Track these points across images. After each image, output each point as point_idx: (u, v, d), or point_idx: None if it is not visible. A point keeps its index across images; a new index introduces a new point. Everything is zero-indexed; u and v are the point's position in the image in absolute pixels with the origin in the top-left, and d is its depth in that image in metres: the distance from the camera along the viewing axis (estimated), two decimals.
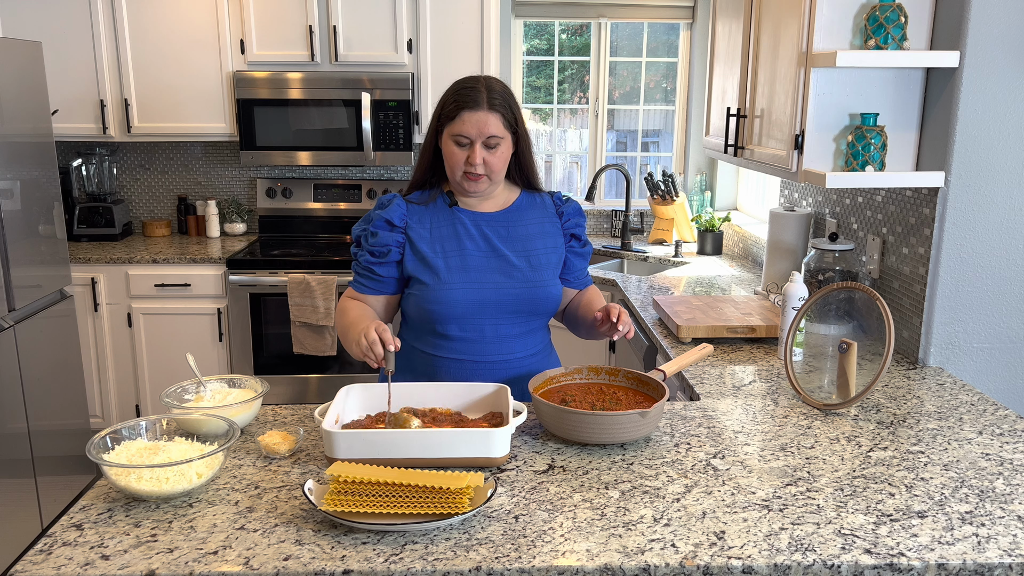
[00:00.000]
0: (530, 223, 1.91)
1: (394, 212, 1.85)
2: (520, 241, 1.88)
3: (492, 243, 1.85)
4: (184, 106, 4.02)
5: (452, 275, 1.81)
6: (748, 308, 2.61)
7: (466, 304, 1.81)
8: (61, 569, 1.21)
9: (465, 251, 1.84)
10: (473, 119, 1.75)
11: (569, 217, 1.95)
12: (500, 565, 1.22)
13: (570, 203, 1.97)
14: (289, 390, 3.99)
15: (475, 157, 1.76)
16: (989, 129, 2.10)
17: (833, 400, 1.91)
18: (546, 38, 4.57)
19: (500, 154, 1.80)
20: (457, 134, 1.77)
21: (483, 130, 1.76)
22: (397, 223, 1.85)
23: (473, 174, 1.79)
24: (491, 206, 1.90)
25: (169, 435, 1.55)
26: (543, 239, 1.90)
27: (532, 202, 1.94)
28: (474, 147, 1.77)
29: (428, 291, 1.81)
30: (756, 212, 4.13)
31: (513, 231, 1.88)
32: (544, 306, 1.88)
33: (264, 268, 3.86)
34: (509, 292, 1.83)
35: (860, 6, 2.15)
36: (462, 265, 1.83)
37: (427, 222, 1.86)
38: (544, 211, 1.94)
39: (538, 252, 1.88)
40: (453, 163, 1.80)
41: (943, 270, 2.18)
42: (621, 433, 1.59)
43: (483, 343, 1.84)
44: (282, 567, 1.21)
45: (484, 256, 1.84)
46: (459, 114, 1.76)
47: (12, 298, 3.05)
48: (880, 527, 1.35)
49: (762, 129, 2.59)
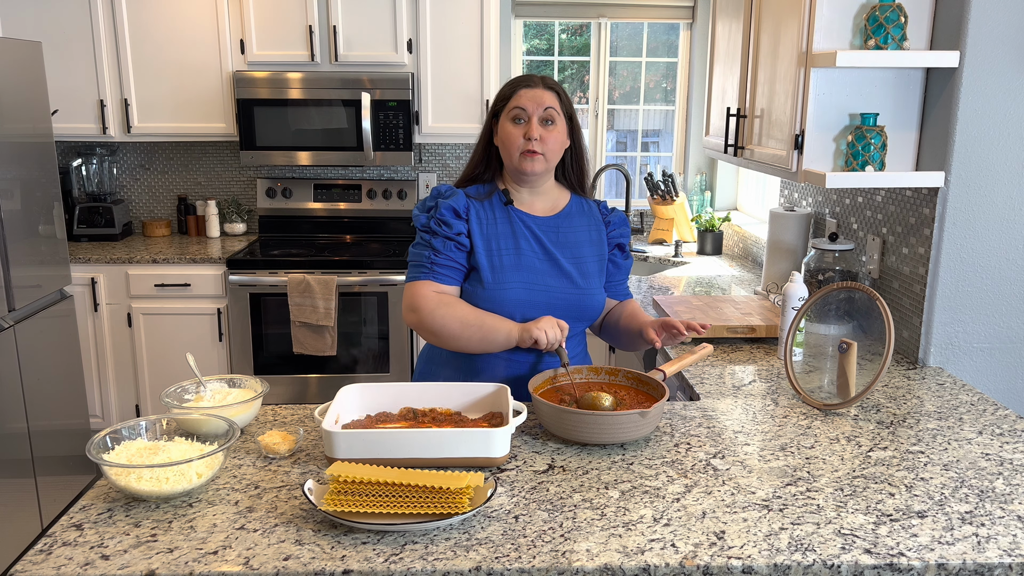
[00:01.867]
0: (579, 230, 1.91)
1: (459, 202, 1.84)
2: (570, 247, 1.88)
3: (545, 246, 1.86)
4: (184, 106, 4.02)
5: (507, 274, 1.81)
6: (748, 308, 2.61)
7: (518, 304, 1.81)
8: (61, 569, 1.21)
9: (520, 251, 1.84)
10: (530, 93, 1.81)
11: (615, 227, 1.96)
12: (500, 565, 1.22)
13: (616, 213, 1.98)
14: (289, 390, 3.99)
15: (532, 131, 1.79)
16: (989, 129, 2.10)
17: (833, 400, 1.91)
18: (546, 38, 4.57)
19: (556, 134, 1.82)
20: (515, 107, 1.81)
21: (540, 102, 1.80)
22: (462, 213, 1.84)
23: (530, 150, 1.79)
24: (542, 209, 1.90)
25: (169, 435, 1.55)
26: (590, 247, 1.91)
27: (581, 208, 1.95)
28: (531, 121, 1.80)
29: (483, 289, 1.81)
30: (756, 212, 4.13)
31: (563, 237, 1.89)
32: (589, 313, 1.89)
33: (264, 268, 3.86)
34: (559, 296, 1.84)
35: (860, 6, 2.15)
36: (517, 264, 1.83)
37: (484, 217, 1.85)
38: (591, 219, 1.94)
39: (586, 260, 1.89)
40: (511, 142, 1.81)
41: (943, 270, 2.18)
42: (621, 433, 1.59)
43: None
44: (282, 567, 1.21)
45: (538, 259, 1.85)
46: (516, 92, 1.82)
47: (12, 298, 3.05)
48: (880, 527, 1.35)
49: (762, 129, 2.59)
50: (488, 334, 1.77)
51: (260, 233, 4.41)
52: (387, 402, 1.70)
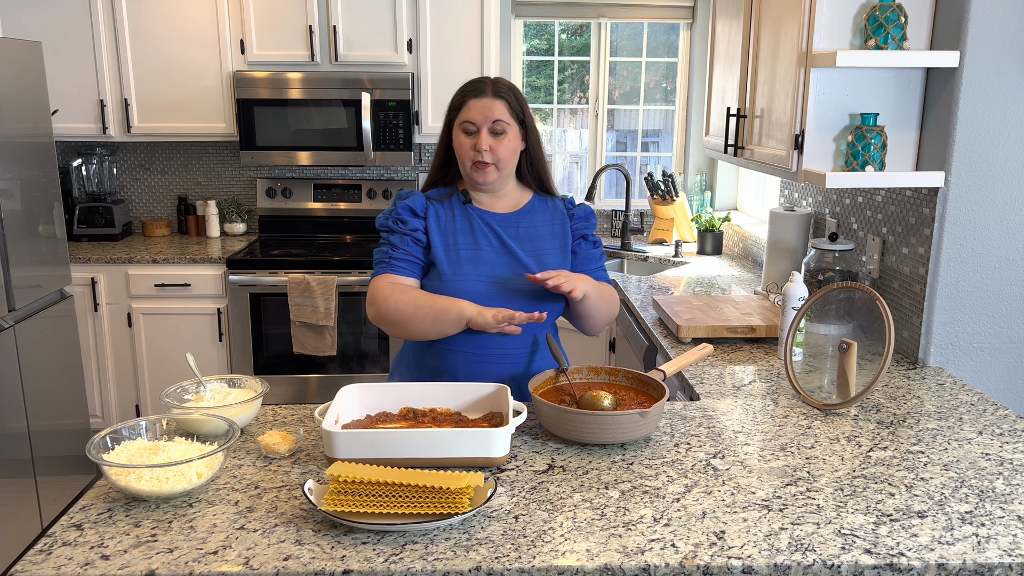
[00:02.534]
0: (540, 224, 1.94)
1: (416, 202, 1.90)
2: (530, 241, 1.91)
3: (504, 241, 1.89)
4: (184, 106, 4.02)
5: (463, 267, 1.85)
6: (748, 308, 2.61)
7: (475, 297, 1.83)
8: (61, 569, 1.21)
9: (478, 246, 1.87)
10: (478, 105, 1.82)
11: (579, 219, 1.98)
12: (500, 565, 1.22)
13: (581, 207, 1.99)
14: (289, 390, 3.99)
15: (481, 143, 1.81)
16: (989, 129, 2.10)
17: (833, 400, 1.91)
18: (546, 38, 4.57)
19: (507, 143, 1.84)
20: (464, 121, 1.83)
21: (488, 115, 1.81)
22: (419, 212, 1.90)
23: (481, 162, 1.82)
24: (503, 206, 1.93)
25: (169, 435, 1.55)
26: (552, 240, 1.93)
27: (544, 205, 1.97)
28: (480, 133, 1.82)
29: (440, 283, 1.84)
30: (756, 212, 4.13)
31: (523, 231, 1.92)
32: (550, 304, 1.89)
33: (264, 268, 3.86)
34: (517, 288, 1.86)
35: (860, 6, 2.15)
36: (473, 258, 1.86)
37: (443, 216, 1.90)
38: (555, 214, 1.96)
39: (546, 252, 1.91)
40: (462, 153, 1.85)
41: (943, 270, 2.18)
42: (621, 433, 1.59)
43: (488, 337, 1.85)
44: (282, 567, 1.21)
45: (495, 252, 1.88)
46: (465, 102, 1.84)
47: (12, 298, 3.05)
48: (880, 527, 1.35)
49: (762, 129, 2.59)
50: (440, 314, 1.79)
51: (260, 233, 4.41)
52: (387, 402, 1.70)
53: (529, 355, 1.92)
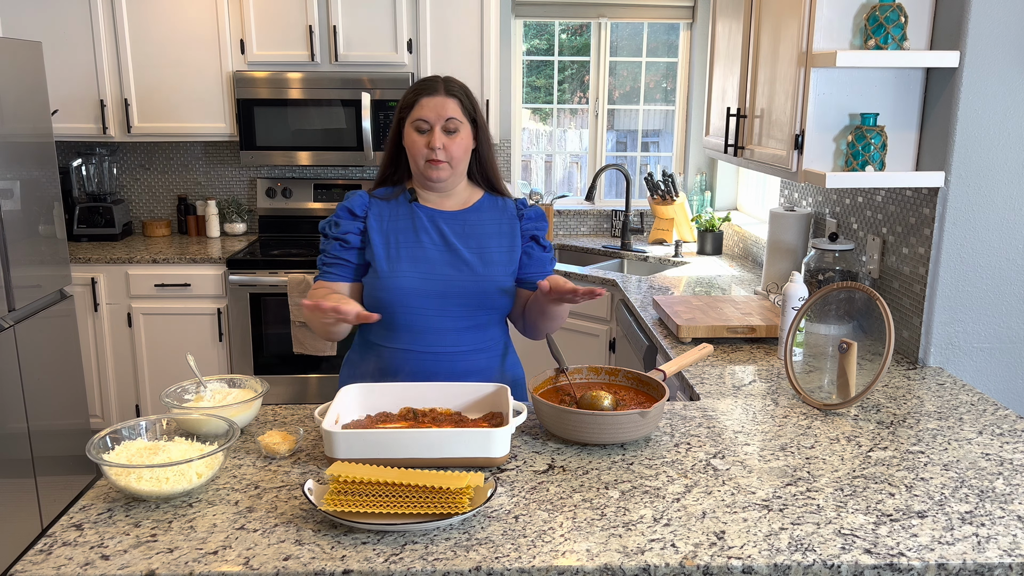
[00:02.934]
0: (487, 223, 1.93)
1: (356, 203, 1.91)
2: (475, 239, 1.90)
3: (447, 238, 1.89)
4: (184, 106, 4.02)
5: (401, 264, 1.85)
6: (748, 308, 2.61)
7: (413, 294, 1.84)
8: (61, 569, 1.21)
9: (419, 244, 1.88)
10: (431, 103, 1.83)
11: (529, 220, 1.96)
12: (500, 565, 1.22)
13: (532, 208, 1.99)
14: (289, 390, 3.99)
15: (435, 140, 1.82)
16: (989, 129, 2.10)
17: (833, 400, 1.91)
18: (546, 38, 4.57)
19: (460, 141, 1.85)
20: (417, 119, 1.83)
21: (441, 112, 1.82)
22: (358, 213, 1.91)
23: (435, 159, 1.83)
24: (451, 205, 1.93)
25: (169, 435, 1.55)
26: (499, 238, 1.92)
27: (493, 204, 1.96)
28: (434, 131, 1.83)
29: (378, 280, 1.85)
30: (756, 212, 4.13)
31: (469, 229, 1.91)
32: (492, 301, 1.89)
33: (264, 268, 3.86)
34: (457, 285, 1.86)
35: (860, 6, 2.15)
36: (413, 256, 1.86)
37: (386, 214, 1.91)
38: (504, 214, 1.95)
39: (491, 250, 1.90)
40: (416, 151, 1.85)
41: (943, 270, 2.18)
42: (621, 433, 1.59)
43: (429, 333, 1.86)
44: (282, 567, 1.21)
45: (437, 250, 1.88)
46: (418, 100, 1.84)
47: (12, 298, 3.05)
48: (880, 527, 1.35)
49: (762, 129, 2.59)
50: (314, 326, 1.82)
51: (260, 233, 4.41)
52: (387, 402, 1.70)
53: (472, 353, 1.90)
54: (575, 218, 4.55)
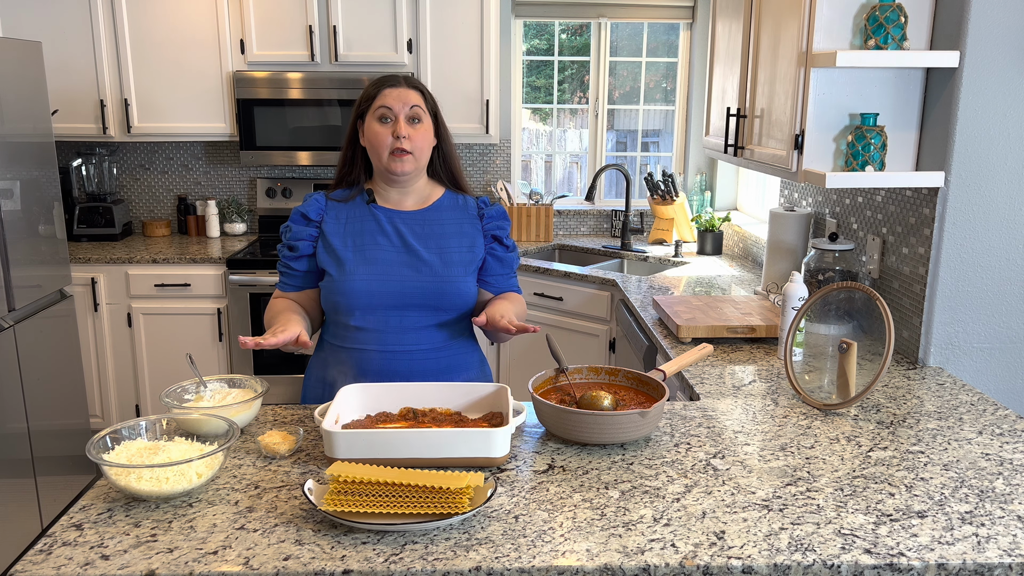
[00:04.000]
0: (447, 223, 1.92)
1: (311, 207, 1.90)
2: (435, 239, 1.89)
3: (405, 239, 1.88)
4: (184, 106, 4.02)
5: (357, 267, 1.84)
6: (748, 308, 2.61)
7: (369, 295, 1.83)
8: (61, 569, 1.21)
9: (376, 245, 1.86)
10: (395, 93, 1.82)
11: (491, 219, 1.95)
12: (500, 565, 1.22)
13: (494, 207, 1.97)
14: (289, 390, 3.99)
15: (400, 129, 1.80)
16: (989, 129, 2.10)
17: (833, 400, 1.91)
18: (546, 38, 4.57)
19: (424, 131, 1.84)
20: (380, 107, 1.82)
21: (406, 101, 1.82)
22: (313, 217, 1.89)
23: (400, 150, 1.81)
24: (410, 204, 1.92)
25: (169, 435, 1.55)
26: (459, 238, 1.91)
27: (454, 203, 1.95)
28: (398, 120, 1.81)
29: (334, 282, 1.85)
30: (756, 212, 4.13)
31: (428, 229, 1.90)
32: (451, 301, 1.88)
33: (264, 268, 3.86)
34: (414, 285, 1.85)
35: (860, 6, 2.15)
36: (369, 258, 1.85)
37: (343, 217, 1.90)
38: (464, 213, 1.94)
39: (451, 250, 1.89)
40: (378, 143, 1.83)
41: (943, 270, 2.18)
42: (621, 433, 1.59)
43: (387, 333, 1.85)
44: (282, 567, 1.21)
45: (395, 251, 1.87)
46: (380, 91, 1.83)
47: (12, 298, 3.05)
48: (880, 527, 1.35)
49: (762, 129, 2.59)
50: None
51: (260, 233, 4.41)
52: (387, 402, 1.70)
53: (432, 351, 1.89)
54: (575, 218, 4.55)
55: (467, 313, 1.94)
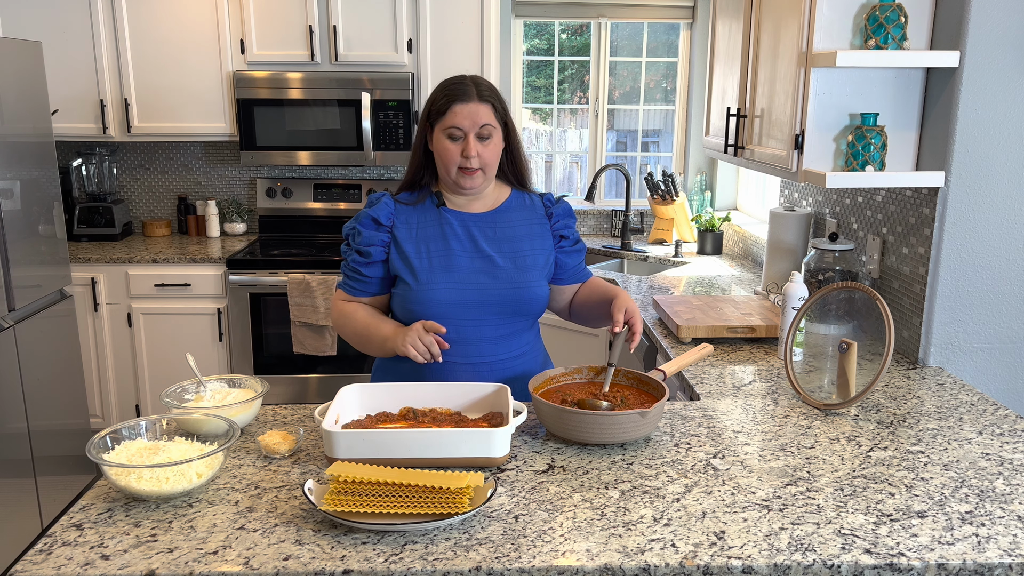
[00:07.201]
0: (518, 224, 1.90)
1: (381, 211, 1.85)
2: (507, 242, 1.87)
3: (478, 244, 1.85)
4: (184, 106, 4.02)
5: (435, 275, 1.81)
6: (748, 308, 2.61)
7: (448, 304, 1.81)
8: (61, 569, 1.21)
9: (450, 251, 1.83)
10: (465, 111, 1.76)
11: (559, 218, 1.95)
12: (500, 565, 1.22)
13: (560, 204, 1.96)
14: (289, 390, 3.99)
15: (470, 149, 1.77)
16: (989, 129, 2.10)
17: (833, 400, 1.91)
18: (546, 38, 4.57)
19: (493, 146, 1.81)
20: (450, 126, 1.77)
21: (476, 120, 1.77)
22: (384, 222, 1.85)
23: (469, 168, 1.79)
24: (479, 206, 1.90)
25: (169, 435, 1.55)
26: (531, 240, 1.89)
27: (521, 203, 1.93)
28: (468, 139, 1.77)
29: (411, 291, 1.82)
30: (756, 212, 4.13)
31: (500, 232, 1.88)
32: (528, 307, 1.87)
33: (264, 268, 3.86)
34: (493, 293, 1.83)
35: (860, 6, 2.15)
36: (446, 265, 1.82)
37: (414, 222, 1.86)
38: (533, 212, 1.93)
39: (524, 253, 1.88)
40: (448, 159, 1.79)
41: (943, 270, 2.18)
42: (621, 433, 1.59)
43: (465, 344, 1.83)
44: (282, 567, 1.21)
45: (469, 257, 1.84)
46: (450, 107, 1.77)
47: (12, 298, 3.05)
48: (880, 527, 1.35)
49: (762, 129, 2.59)
50: (378, 346, 1.83)
51: (260, 233, 4.41)
52: (387, 402, 1.70)
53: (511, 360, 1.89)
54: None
55: (538, 318, 1.94)
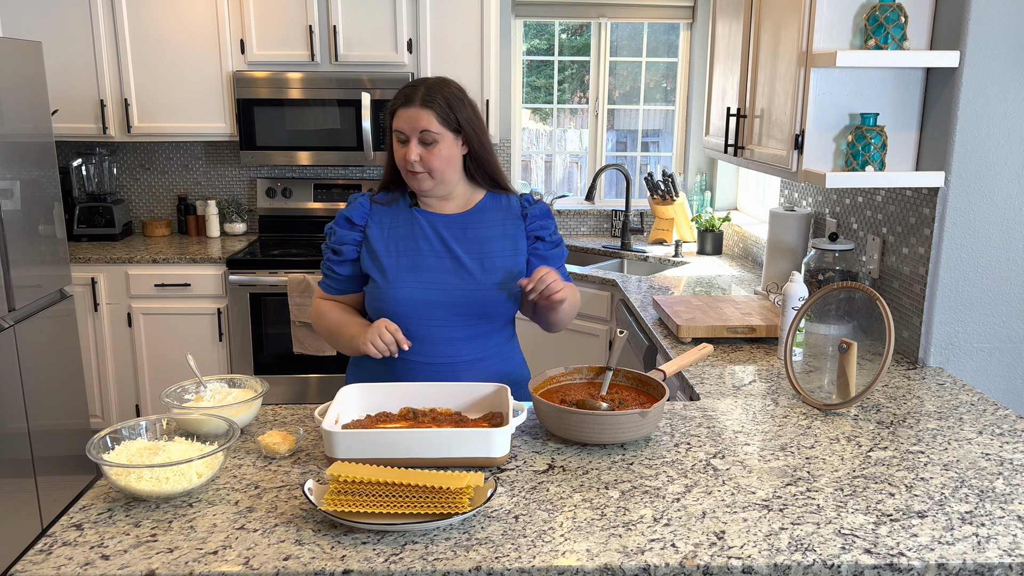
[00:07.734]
0: (490, 225, 1.89)
1: (355, 211, 1.89)
2: (476, 243, 1.87)
3: (447, 244, 1.86)
4: (184, 106, 4.02)
5: (402, 274, 1.83)
6: (748, 308, 2.61)
7: (413, 303, 1.82)
8: (61, 569, 1.21)
9: (419, 251, 1.85)
10: (405, 115, 1.79)
11: (534, 219, 1.93)
12: (500, 565, 1.22)
13: (537, 205, 1.95)
14: (289, 390, 3.99)
15: (410, 153, 1.79)
16: (989, 129, 2.10)
17: (833, 400, 1.91)
18: (546, 38, 4.57)
19: (439, 152, 1.79)
20: (395, 130, 1.82)
21: (415, 125, 1.78)
22: (357, 221, 1.88)
23: (412, 170, 1.81)
24: (452, 207, 1.90)
25: (169, 435, 1.55)
26: (501, 242, 1.89)
27: (496, 204, 1.93)
28: (410, 143, 1.79)
29: (379, 289, 1.84)
30: (756, 212, 4.13)
31: (471, 233, 1.88)
32: (493, 309, 1.86)
33: (264, 268, 3.86)
34: (458, 294, 1.83)
35: (860, 6, 2.15)
36: (413, 264, 1.84)
37: (387, 222, 1.89)
38: (507, 213, 1.92)
39: (493, 255, 1.87)
40: (397, 160, 1.83)
41: (943, 270, 2.18)
42: (621, 433, 1.59)
43: (430, 343, 1.84)
44: (282, 567, 1.21)
45: (437, 257, 1.85)
46: (396, 111, 1.82)
47: (12, 298, 3.05)
48: (880, 527, 1.35)
49: (762, 129, 2.59)
50: (346, 344, 1.86)
51: (260, 233, 4.41)
52: (387, 402, 1.70)
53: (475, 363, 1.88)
54: (575, 218, 4.55)
55: (510, 321, 1.94)
